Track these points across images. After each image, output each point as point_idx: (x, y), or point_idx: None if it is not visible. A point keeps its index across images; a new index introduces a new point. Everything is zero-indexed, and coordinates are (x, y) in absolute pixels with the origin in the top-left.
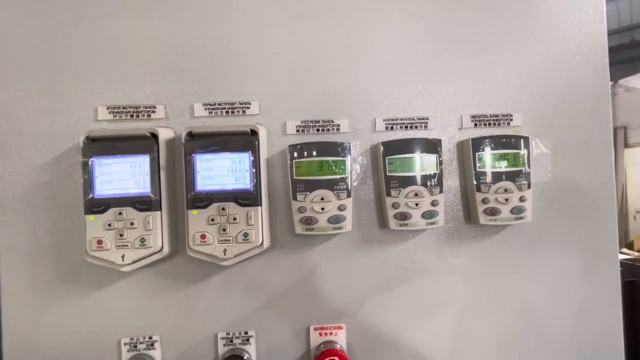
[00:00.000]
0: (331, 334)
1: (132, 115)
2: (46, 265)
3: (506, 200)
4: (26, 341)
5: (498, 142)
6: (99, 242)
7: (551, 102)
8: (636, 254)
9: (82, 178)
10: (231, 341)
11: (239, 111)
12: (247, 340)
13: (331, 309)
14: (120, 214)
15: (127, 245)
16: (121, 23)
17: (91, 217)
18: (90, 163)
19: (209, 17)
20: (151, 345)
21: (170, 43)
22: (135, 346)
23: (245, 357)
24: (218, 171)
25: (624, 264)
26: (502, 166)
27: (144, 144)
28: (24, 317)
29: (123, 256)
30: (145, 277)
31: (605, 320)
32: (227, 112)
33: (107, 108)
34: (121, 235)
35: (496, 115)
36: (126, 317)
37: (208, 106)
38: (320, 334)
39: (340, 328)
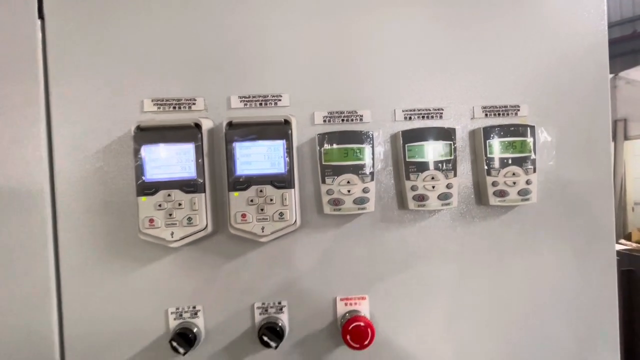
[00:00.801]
0: (355, 304)
1: (174, 107)
2: (101, 243)
3: (514, 183)
4: (84, 312)
5: (507, 130)
6: (151, 220)
7: (555, 95)
8: (634, 244)
9: (133, 164)
10: (266, 310)
11: (271, 103)
12: (281, 309)
13: (355, 281)
14: (169, 195)
15: (176, 224)
16: (165, 24)
17: (143, 198)
18: (141, 150)
19: (243, 18)
20: (195, 314)
21: (208, 42)
22: (181, 315)
23: (279, 325)
24: (255, 157)
25: (621, 254)
26: (510, 152)
27: (189, 133)
28: (82, 291)
29: (172, 233)
30: (190, 252)
31: (601, 298)
32: (260, 104)
33: (152, 101)
34: (170, 214)
35: (505, 106)
36: (173, 288)
37: (243, 98)
38: (346, 304)
39: (363, 299)
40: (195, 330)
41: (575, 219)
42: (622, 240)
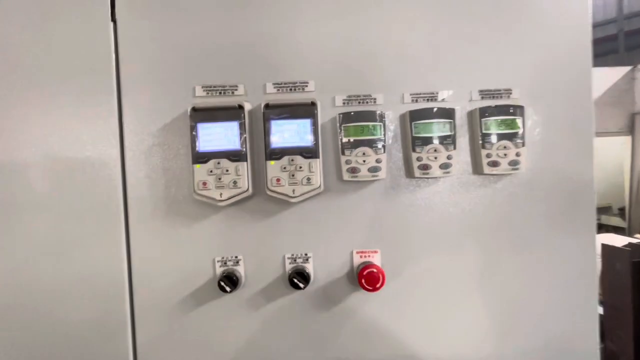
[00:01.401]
0: (369, 256)
1: (220, 92)
2: (162, 203)
3: (505, 155)
4: (148, 260)
5: (499, 110)
6: (204, 183)
7: (543, 80)
8: None
9: (188, 138)
10: (295, 260)
11: (299, 89)
12: (307, 260)
13: (369, 237)
14: (218, 163)
15: (223, 186)
16: (213, 24)
17: (197, 166)
18: (196, 127)
19: (276, 17)
20: (236, 263)
21: (248, 38)
22: (225, 263)
23: (306, 271)
24: (288, 132)
25: (634, 246)
26: (503, 129)
27: (234, 113)
28: (147, 242)
29: (221, 194)
30: (233, 211)
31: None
32: (290, 89)
33: (202, 87)
34: (219, 179)
35: (498, 90)
36: (219, 241)
37: (276, 85)
38: (361, 257)
39: (376, 252)
40: (237, 274)
41: (559, 186)
42: (638, 235)
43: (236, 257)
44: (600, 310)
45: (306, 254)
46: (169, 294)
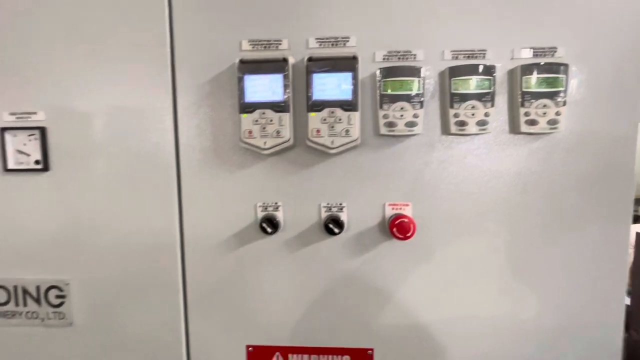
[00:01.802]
0: (400, 209)
1: (265, 47)
2: (209, 151)
3: (544, 113)
4: (197, 204)
5: (543, 68)
6: (250, 132)
7: (590, 40)
8: None
9: (235, 89)
10: (330, 209)
11: (341, 44)
12: (341, 209)
13: (401, 190)
14: (263, 113)
15: (267, 135)
16: None
17: (244, 115)
18: (242, 78)
19: None
20: (276, 209)
21: None
22: (266, 208)
23: (341, 219)
24: (329, 85)
25: None
26: (544, 87)
27: (279, 65)
28: (196, 187)
29: (265, 143)
30: (275, 160)
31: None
32: (332, 44)
33: (248, 41)
34: (264, 128)
35: (542, 48)
36: (261, 188)
37: (319, 40)
38: (392, 209)
39: (407, 205)
40: (277, 219)
41: (597, 152)
42: None
43: (276, 203)
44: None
45: (341, 204)
46: (214, 234)
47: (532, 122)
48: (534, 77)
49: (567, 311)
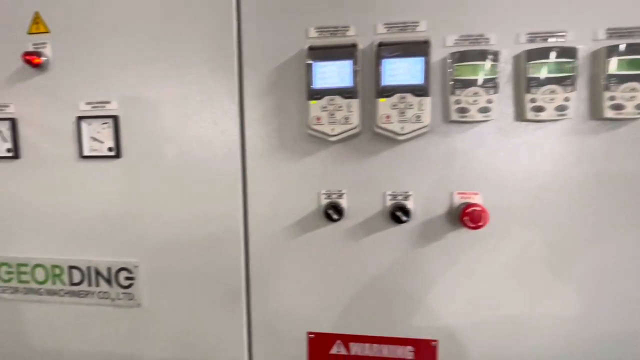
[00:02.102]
0: (469, 197)
1: (332, 34)
2: (275, 139)
3: (632, 97)
4: (261, 191)
5: (628, 49)
6: (318, 119)
7: None
8: None
9: (302, 76)
10: (395, 197)
11: (410, 29)
12: (407, 197)
13: (470, 179)
14: (331, 100)
15: (335, 122)
16: None
17: (313, 102)
18: (311, 65)
19: None
20: (340, 196)
21: None
22: (329, 196)
23: (407, 207)
24: (399, 70)
25: None
26: (633, 69)
27: (347, 51)
28: (261, 174)
29: (333, 129)
30: (340, 147)
31: None
32: (400, 29)
33: (315, 28)
34: (332, 115)
35: (629, 28)
36: (325, 175)
37: (387, 25)
38: (461, 197)
39: (476, 194)
40: (342, 206)
41: None
42: None
43: (340, 190)
44: None
45: (406, 192)
46: (278, 221)
47: (618, 107)
48: (620, 59)
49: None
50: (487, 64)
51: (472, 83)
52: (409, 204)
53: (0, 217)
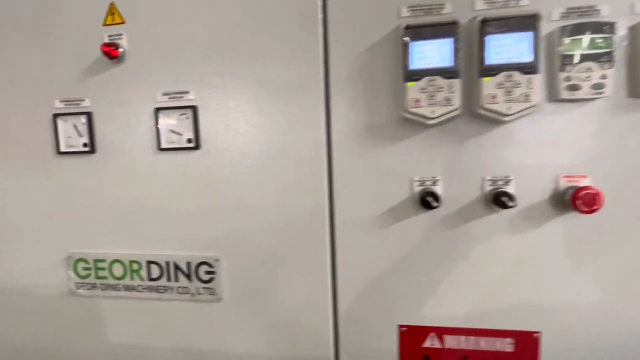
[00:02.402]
0: (576, 181)
1: (425, 12)
2: (365, 122)
3: None
4: (349, 177)
5: None
6: (417, 101)
7: None
8: None
9: (394, 58)
10: (494, 182)
11: (512, 3)
12: (507, 182)
13: (579, 160)
14: (431, 80)
15: (436, 104)
16: None
17: (410, 84)
18: (408, 44)
19: None
20: (434, 183)
21: None
22: (423, 183)
23: (510, 192)
24: (505, 47)
25: None
26: None
27: (448, 29)
28: (348, 162)
29: (433, 111)
30: (434, 131)
31: None
32: (502, 4)
33: (407, 7)
34: (432, 96)
35: None
36: (418, 161)
37: (487, 0)
38: (568, 181)
39: (584, 177)
40: (438, 193)
41: None
42: None
43: (434, 177)
44: None
45: (507, 176)
46: (366, 211)
47: None
48: None
49: None
50: (603, 37)
51: (585, 58)
52: (510, 189)
53: (77, 213)
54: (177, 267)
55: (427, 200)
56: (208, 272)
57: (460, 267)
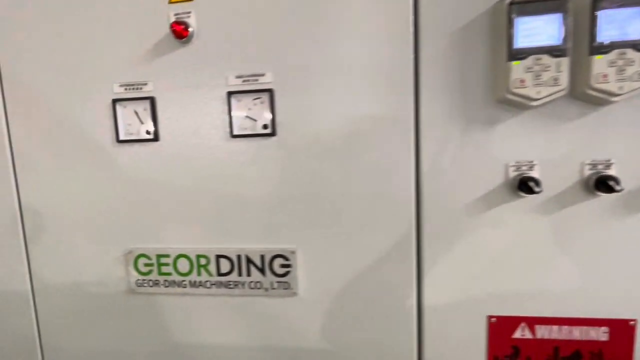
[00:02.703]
0: None
1: None
2: (455, 106)
3: None
4: (438, 167)
5: None
6: (521, 81)
7: None
8: None
9: (488, 37)
10: (594, 166)
11: None
12: (608, 166)
13: None
14: (538, 59)
15: (542, 84)
16: None
17: (515, 63)
18: (513, 21)
19: None
20: (531, 168)
21: None
22: (519, 168)
23: (614, 176)
24: (620, 23)
25: None
26: None
27: (557, 4)
28: (438, 146)
29: (539, 92)
30: (533, 113)
31: None
32: None
33: None
34: (538, 76)
35: None
36: (514, 145)
37: None
38: None
39: None
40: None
41: None
42: None
43: (531, 161)
44: None
45: (608, 160)
46: (455, 197)
47: None
48: None
49: None
50: None
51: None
52: (611, 173)
53: (139, 205)
54: (249, 261)
55: (529, 185)
56: (283, 265)
57: (557, 255)
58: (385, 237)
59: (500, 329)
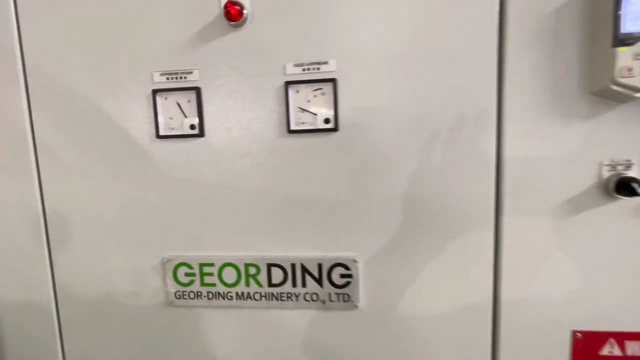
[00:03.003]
0: None
1: None
2: (544, 98)
3: None
4: (523, 163)
5: None
6: (629, 69)
7: None
8: None
9: (582, 21)
10: (614, 168)
11: None
12: (629, 166)
13: None
14: None
15: None
16: None
17: (622, 49)
18: (620, 3)
19: None
20: (627, 167)
21: None
22: (614, 167)
23: None
24: None
25: None
26: None
27: None
28: (521, 141)
29: None
30: (629, 107)
31: None
32: None
33: None
34: None
35: None
36: (609, 142)
37: None
38: None
39: None
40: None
41: None
42: None
43: (629, 160)
44: None
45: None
46: (540, 198)
47: None
48: None
49: None
50: None
51: None
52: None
53: (180, 209)
54: (305, 270)
55: (632, 186)
56: (343, 276)
57: None
58: (457, 241)
59: (585, 345)
